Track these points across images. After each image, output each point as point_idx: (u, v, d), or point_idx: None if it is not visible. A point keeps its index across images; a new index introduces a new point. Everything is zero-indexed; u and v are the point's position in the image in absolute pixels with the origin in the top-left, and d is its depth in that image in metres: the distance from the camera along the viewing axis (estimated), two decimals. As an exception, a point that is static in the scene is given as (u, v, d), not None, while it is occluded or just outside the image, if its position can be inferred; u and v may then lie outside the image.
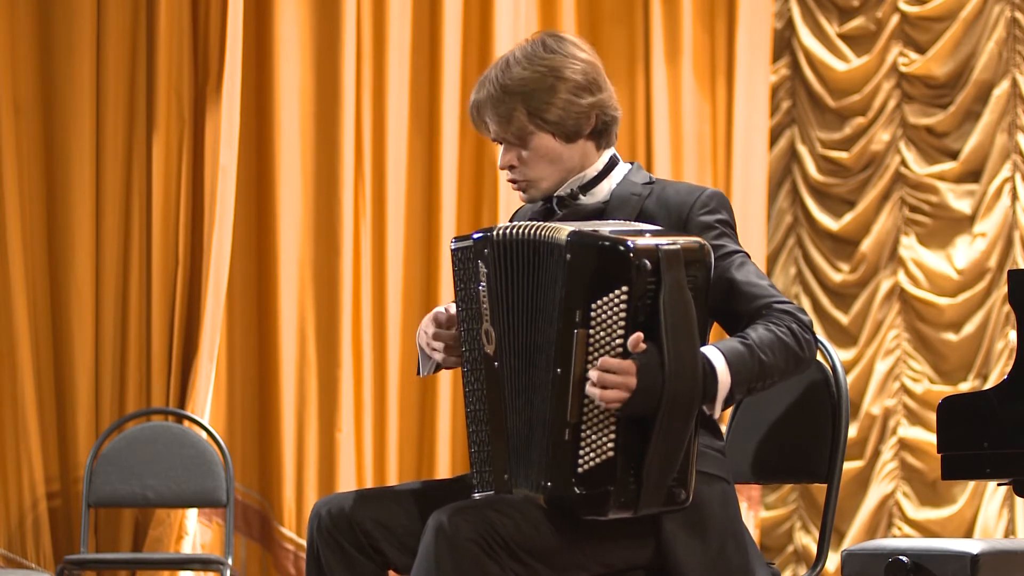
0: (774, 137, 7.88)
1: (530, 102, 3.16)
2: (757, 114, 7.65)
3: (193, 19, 6.48)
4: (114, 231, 6.33)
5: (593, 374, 2.88)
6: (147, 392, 6.34)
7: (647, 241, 2.90)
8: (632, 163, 3.29)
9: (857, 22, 7.79)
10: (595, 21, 7.50)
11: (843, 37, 7.83)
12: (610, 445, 2.90)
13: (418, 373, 3.34)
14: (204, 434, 6.21)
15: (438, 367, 3.29)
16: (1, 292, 6.10)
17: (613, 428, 2.90)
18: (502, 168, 3.23)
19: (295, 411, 6.59)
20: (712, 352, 2.97)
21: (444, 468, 6.80)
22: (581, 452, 2.91)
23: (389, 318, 6.79)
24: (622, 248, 2.88)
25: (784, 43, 7.91)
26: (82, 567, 5.81)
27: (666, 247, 2.89)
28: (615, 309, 2.90)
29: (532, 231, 3.00)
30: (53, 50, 6.28)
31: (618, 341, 2.90)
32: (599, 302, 2.90)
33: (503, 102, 3.17)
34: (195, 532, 6.32)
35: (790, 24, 7.90)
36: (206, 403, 6.31)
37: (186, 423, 6.26)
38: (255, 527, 6.58)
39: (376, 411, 6.77)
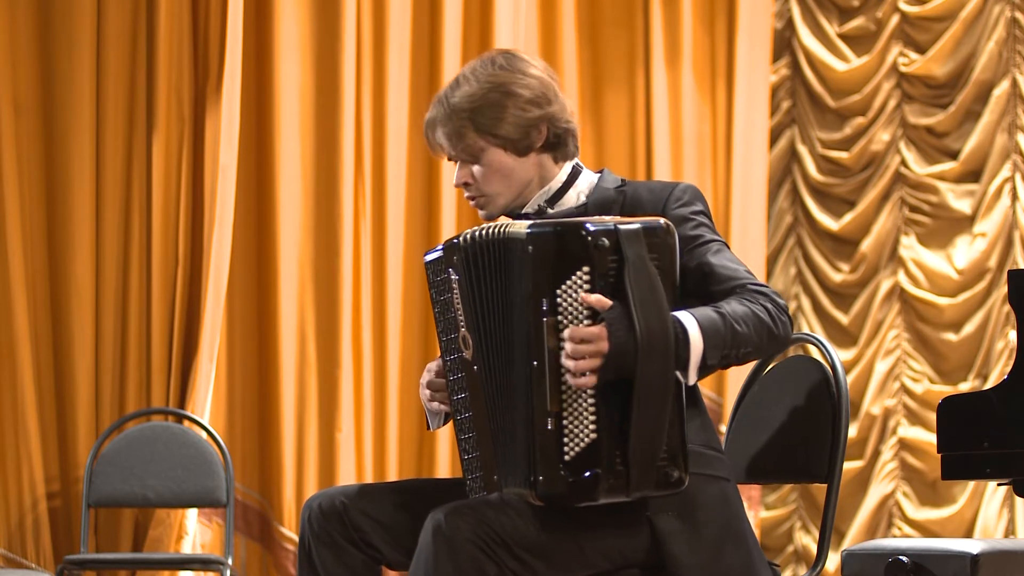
0: (774, 137, 7.88)
1: (477, 118, 3.18)
2: (757, 114, 7.65)
3: (193, 19, 6.48)
4: (114, 231, 6.33)
5: (568, 346, 2.89)
6: (147, 392, 6.34)
7: (606, 224, 2.93)
8: (601, 170, 3.30)
9: (857, 22, 7.79)
10: (595, 22, 7.50)
11: (843, 37, 7.83)
12: (592, 427, 2.91)
13: (428, 428, 3.35)
14: (204, 434, 6.21)
15: (447, 418, 3.30)
16: (1, 292, 6.10)
17: (593, 410, 2.91)
18: (457, 186, 3.25)
19: (295, 411, 6.59)
20: (683, 316, 2.98)
21: (444, 468, 6.80)
22: (565, 439, 2.92)
23: (389, 318, 6.79)
24: (580, 230, 2.91)
25: (784, 43, 7.91)
26: (82, 567, 5.81)
27: (624, 227, 2.93)
28: (579, 291, 2.92)
29: (495, 230, 3.03)
30: (53, 50, 6.28)
31: (585, 323, 2.92)
32: (563, 287, 2.92)
33: (451, 120, 3.19)
34: (195, 532, 6.32)
35: (790, 24, 7.90)
36: (206, 403, 6.31)
37: (186, 423, 6.26)
38: (255, 527, 6.58)
39: (376, 411, 6.77)
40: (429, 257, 3.16)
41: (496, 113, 3.17)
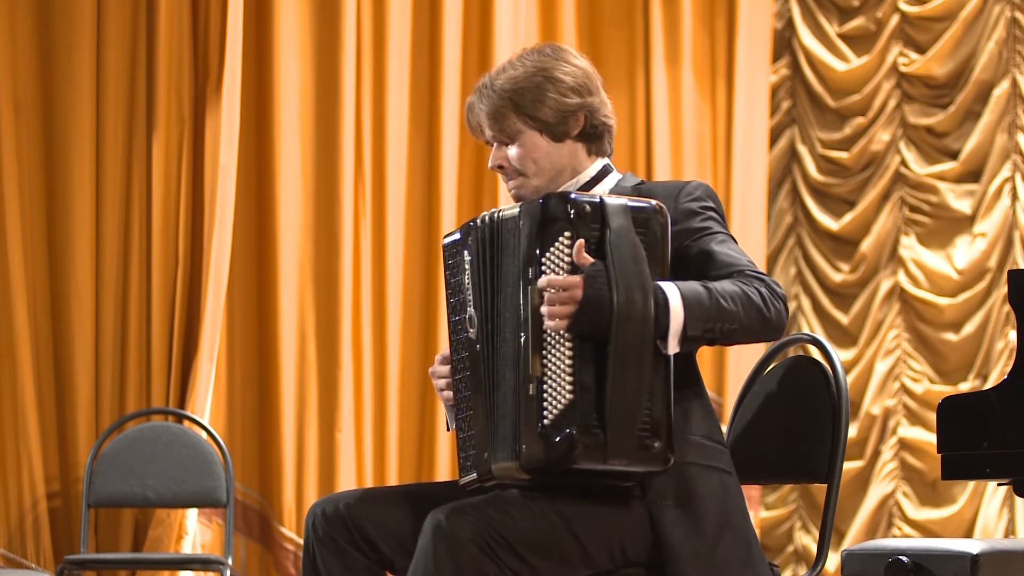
0: (774, 137, 7.88)
1: (518, 100, 3.24)
2: (757, 114, 7.65)
3: (193, 19, 6.48)
4: (114, 231, 6.33)
5: (544, 294, 2.95)
6: (147, 392, 6.34)
7: (592, 195, 3.03)
8: (625, 174, 3.33)
9: (857, 22, 7.79)
10: (595, 22, 7.50)
11: (843, 37, 7.83)
12: (568, 388, 2.95)
13: (448, 428, 3.36)
14: (204, 434, 6.21)
15: None
16: (1, 292, 6.10)
17: (570, 371, 2.94)
18: (491, 167, 3.31)
19: (295, 411, 6.59)
20: (666, 284, 3.01)
21: (444, 468, 6.80)
22: (545, 404, 2.96)
23: (389, 318, 6.79)
24: (563, 198, 3.00)
25: (784, 43, 7.91)
26: (82, 567, 5.81)
27: (610, 199, 3.01)
28: (561, 255, 2.98)
29: (500, 212, 3.11)
30: (53, 50, 6.28)
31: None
32: (548, 254, 2.99)
33: (492, 101, 3.25)
34: (195, 532, 6.32)
35: (790, 24, 7.90)
36: (206, 403, 6.31)
37: (186, 423, 6.26)
38: (255, 527, 6.58)
39: (376, 411, 6.77)
40: (447, 240, 3.21)
41: (536, 96, 3.23)
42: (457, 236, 3.18)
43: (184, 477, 6.11)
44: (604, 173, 3.29)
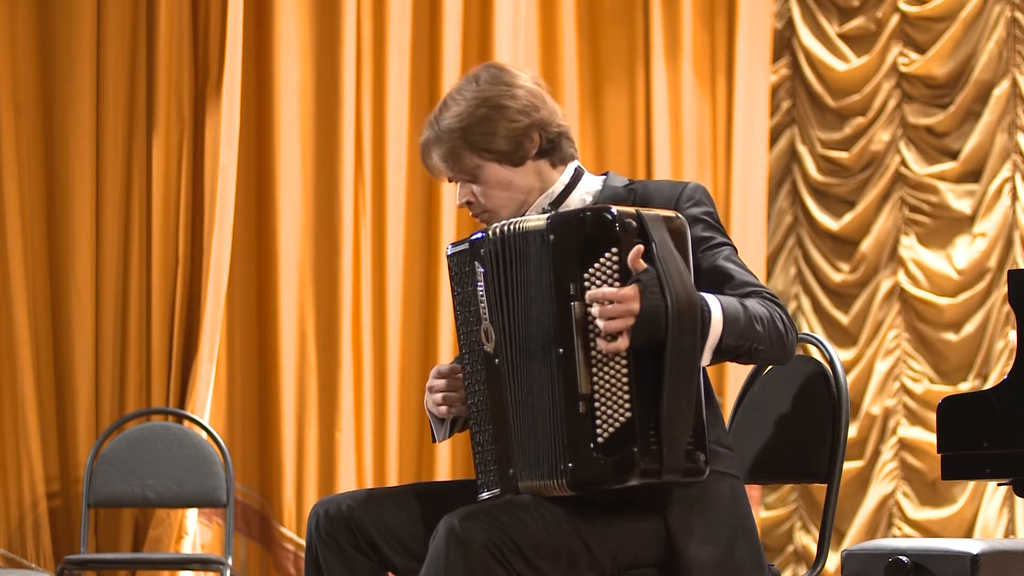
0: (774, 137, 7.88)
1: (469, 136, 3.18)
2: (757, 114, 7.65)
3: (193, 19, 6.48)
4: (114, 231, 6.33)
5: (595, 309, 2.91)
6: (147, 392, 6.35)
7: (628, 209, 2.97)
8: (606, 173, 3.31)
9: (857, 22, 7.79)
10: (595, 20, 7.50)
11: (843, 37, 7.83)
12: (626, 407, 2.91)
13: (433, 440, 3.33)
14: (204, 434, 6.21)
15: (452, 428, 3.28)
16: (1, 292, 6.10)
17: (627, 388, 2.91)
18: (460, 206, 3.25)
19: (295, 411, 6.59)
20: (708, 296, 3.01)
21: (444, 468, 6.80)
22: (598, 422, 2.92)
23: (389, 318, 6.79)
24: (605, 214, 2.95)
25: (784, 43, 7.91)
26: (82, 567, 5.81)
27: (646, 212, 2.98)
28: (608, 272, 2.94)
29: (519, 224, 3.04)
30: (53, 50, 6.28)
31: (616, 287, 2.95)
32: (591, 270, 2.94)
33: (444, 142, 3.20)
34: (195, 532, 6.32)
35: (790, 24, 7.90)
36: (206, 403, 6.31)
37: (186, 423, 6.26)
38: (255, 527, 6.58)
39: (376, 411, 6.77)
40: (453, 250, 3.15)
41: (487, 128, 3.17)
42: (465, 246, 3.11)
43: (184, 477, 6.11)
44: (576, 178, 3.25)
